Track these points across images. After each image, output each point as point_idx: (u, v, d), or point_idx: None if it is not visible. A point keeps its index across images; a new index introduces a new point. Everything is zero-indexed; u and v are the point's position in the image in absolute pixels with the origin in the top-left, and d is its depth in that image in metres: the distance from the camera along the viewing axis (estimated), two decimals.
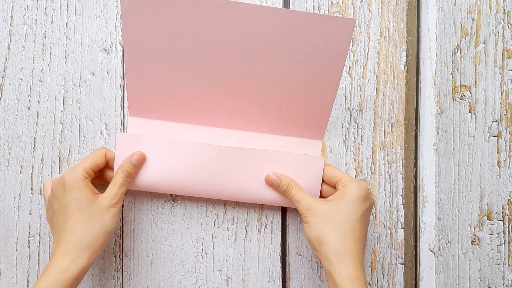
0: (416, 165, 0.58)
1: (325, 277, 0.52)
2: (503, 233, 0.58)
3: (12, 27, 0.57)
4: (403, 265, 0.58)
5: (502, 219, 0.58)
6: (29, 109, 0.57)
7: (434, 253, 0.58)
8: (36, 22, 0.57)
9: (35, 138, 0.57)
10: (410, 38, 0.59)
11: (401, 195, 0.58)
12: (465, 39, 0.59)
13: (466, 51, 0.59)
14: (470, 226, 0.58)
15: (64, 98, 0.57)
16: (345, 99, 0.58)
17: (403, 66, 0.59)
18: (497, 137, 0.59)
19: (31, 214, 0.56)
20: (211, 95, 0.52)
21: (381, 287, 0.57)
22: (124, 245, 0.57)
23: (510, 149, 0.59)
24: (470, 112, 0.59)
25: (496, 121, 0.59)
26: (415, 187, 0.58)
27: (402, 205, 0.58)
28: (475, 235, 0.58)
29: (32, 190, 0.56)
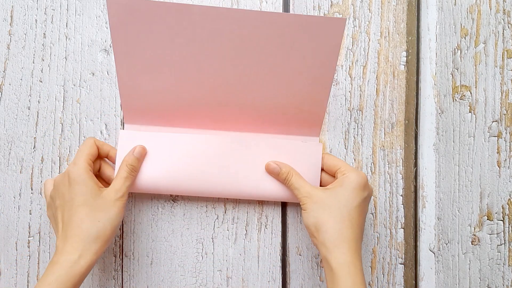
0: (416, 165, 0.58)
1: (322, 264, 0.52)
2: (503, 233, 0.58)
3: (12, 27, 0.57)
4: (403, 265, 0.58)
5: (502, 219, 0.58)
6: (29, 109, 0.57)
7: (434, 253, 0.58)
8: (36, 22, 0.57)
9: (35, 138, 0.57)
10: (410, 38, 0.59)
11: (401, 195, 0.58)
12: (465, 39, 0.59)
13: (466, 51, 0.59)
14: (470, 226, 0.58)
15: (64, 98, 0.57)
16: (345, 99, 0.58)
17: (403, 66, 0.59)
18: (497, 137, 0.59)
19: (31, 214, 0.56)
20: (205, 99, 0.53)
21: (381, 287, 0.57)
22: (124, 245, 0.57)
23: (510, 149, 0.59)
24: (470, 112, 0.59)
25: (496, 121, 0.59)
26: (415, 187, 0.58)
27: (402, 205, 0.58)
28: (475, 235, 0.58)
29: (32, 190, 0.56)
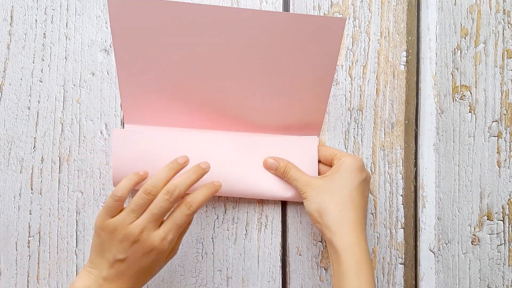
0: (416, 165, 0.58)
1: (326, 247, 0.53)
2: (503, 233, 0.58)
3: (12, 27, 0.57)
4: (403, 265, 0.58)
5: (502, 219, 0.58)
6: (29, 109, 0.57)
7: (434, 253, 0.58)
8: (36, 22, 0.57)
9: (35, 138, 0.57)
10: (410, 38, 0.59)
11: (401, 195, 0.58)
12: (465, 39, 0.59)
13: (466, 51, 0.59)
14: (470, 226, 0.58)
15: (64, 98, 0.57)
16: (345, 99, 0.58)
17: (403, 66, 0.59)
18: (497, 137, 0.59)
19: (31, 214, 0.56)
20: (205, 98, 0.53)
21: (381, 287, 0.57)
22: None
23: (510, 149, 0.59)
24: (470, 112, 0.59)
25: (496, 121, 0.59)
26: (415, 187, 0.58)
27: (402, 205, 0.58)
28: (475, 235, 0.58)
29: (32, 190, 0.56)
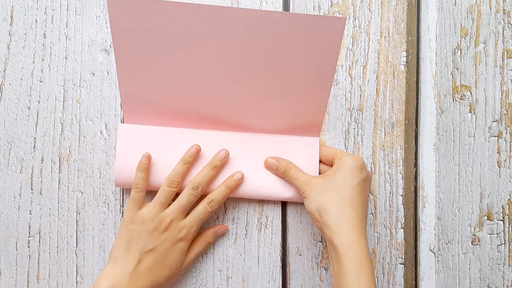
0: (416, 165, 0.58)
1: (327, 247, 0.53)
2: (503, 233, 0.58)
3: (12, 27, 0.57)
4: (403, 265, 0.58)
5: (502, 219, 0.58)
6: (29, 109, 0.57)
7: (434, 253, 0.58)
8: (36, 22, 0.57)
9: (35, 138, 0.57)
10: (410, 38, 0.59)
11: (401, 195, 0.58)
12: (465, 39, 0.59)
13: (466, 51, 0.59)
14: (470, 226, 0.58)
15: (64, 98, 0.57)
16: (345, 99, 0.58)
17: (403, 66, 0.59)
18: (497, 137, 0.59)
19: (31, 214, 0.56)
20: (205, 98, 0.53)
21: (381, 287, 0.57)
22: None
23: (510, 149, 0.59)
24: (470, 112, 0.59)
25: (496, 121, 0.59)
26: (415, 187, 0.58)
27: (402, 205, 0.58)
28: (475, 235, 0.58)
29: (32, 190, 0.56)
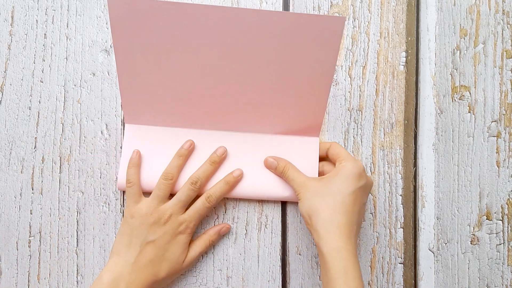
0: (415, 165, 0.59)
1: (316, 251, 0.52)
2: (502, 232, 0.58)
3: (13, 28, 0.57)
4: (402, 265, 0.58)
5: (501, 219, 0.58)
6: (30, 109, 0.57)
7: (433, 253, 0.58)
8: (37, 22, 0.57)
9: (36, 138, 0.57)
10: (409, 38, 0.59)
11: (401, 195, 0.58)
12: (464, 39, 0.59)
13: (465, 52, 0.59)
14: (469, 225, 0.58)
15: (64, 98, 0.57)
16: (345, 99, 0.58)
17: (403, 66, 0.59)
18: (496, 137, 0.59)
19: (31, 214, 0.56)
20: (206, 98, 0.53)
21: (381, 286, 0.58)
22: None
23: (509, 149, 0.59)
24: (469, 112, 0.59)
25: (495, 121, 0.59)
26: (415, 187, 0.59)
27: (401, 205, 0.58)
28: (474, 235, 0.58)
29: (33, 190, 0.56)
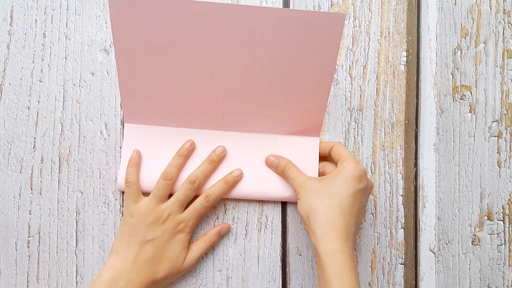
0: (416, 165, 0.58)
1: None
2: (503, 233, 0.58)
3: (12, 27, 0.57)
4: (403, 265, 0.58)
5: (502, 219, 0.58)
6: (29, 109, 0.57)
7: (434, 253, 0.58)
8: (36, 22, 0.57)
9: (35, 138, 0.57)
10: (410, 38, 0.59)
11: (401, 195, 0.58)
12: (465, 39, 0.59)
13: (466, 51, 0.59)
14: (470, 226, 0.58)
15: (64, 98, 0.57)
16: (345, 99, 0.58)
17: (403, 66, 0.59)
18: (497, 137, 0.59)
19: (30, 214, 0.56)
20: (205, 98, 0.53)
21: (381, 287, 0.57)
22: None
23: (510, 149, 0.59)
24: (470, 112, 0.59)
25: (496, 121, 0.59)
26: (415, 187, 0.58)
27: (402, 205, 0.58)
28: (475, 235, 0.58)
29: (32, 190, 0.56)
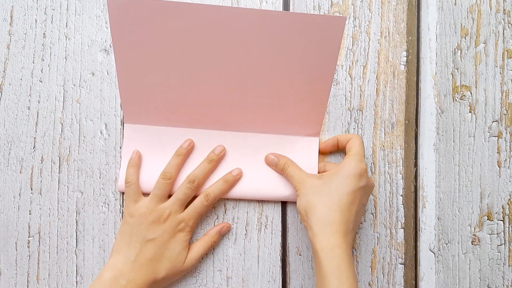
0: (416, 165, 0.58)
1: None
2: (503, 233, 0.58)
3: (12, 27, 0.57)
4: (403, 265, 0.58)
5: (502, 219, 0.58)
6: (29, 109, 0.57)
7: (434, 253, 0.58)
8: (36, 22, 0.57)
9: (35, 138, 0.57)
10: (410, 38, 0.59)
11: (401, 195, 0.58)
12: (465, 39, 0.59)
13: (466, 51, 0.59)
14: (470, 226, 0.58)
15: (64, 98, 0.57)
16: (345, 99, 0.58)
17: (403, 66, 0.59)
18: (497, 137, 0.59)
19: (30, 214, 0.56)
20: (205, 98, 0.53)
21: (381, 287, 0.57)
22: None
23: (510, 149, 0.59)
24: (470, 112, 0.59)
25: (496, 121, 0.59)
26: (415, 187, 0.58)
27: (402, 205, 0.58)
28: (475, 235, 0.58)
29: (32, 190, 0.56)
